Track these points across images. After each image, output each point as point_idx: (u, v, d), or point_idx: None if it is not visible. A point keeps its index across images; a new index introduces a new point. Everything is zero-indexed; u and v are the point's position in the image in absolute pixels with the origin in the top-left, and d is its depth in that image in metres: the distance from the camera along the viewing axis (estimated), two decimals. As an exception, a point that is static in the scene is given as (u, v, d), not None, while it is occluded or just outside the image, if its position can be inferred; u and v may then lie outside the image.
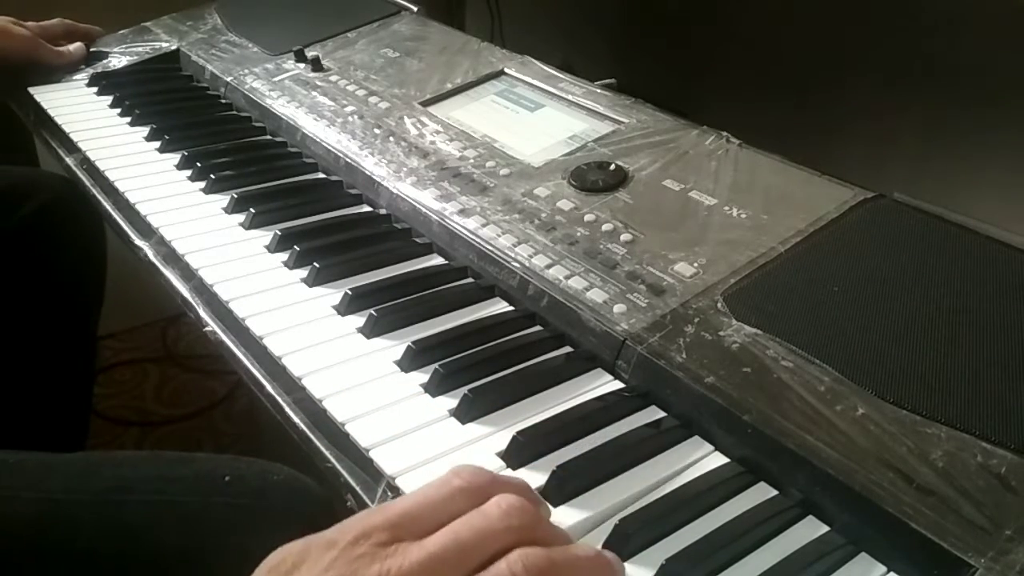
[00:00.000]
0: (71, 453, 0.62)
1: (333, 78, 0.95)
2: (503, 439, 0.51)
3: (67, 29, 1.10)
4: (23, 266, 0.94)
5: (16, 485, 0.57)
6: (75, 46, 1.08)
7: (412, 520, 0.38)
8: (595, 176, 0.71)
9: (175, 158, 0.86)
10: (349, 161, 0.81)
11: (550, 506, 0.46)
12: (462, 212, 0.70)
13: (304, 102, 0.91)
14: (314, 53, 0.99)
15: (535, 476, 0.49)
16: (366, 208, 0.78)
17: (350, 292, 0.63)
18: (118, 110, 0.97)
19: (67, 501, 0.56)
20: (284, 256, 0.70)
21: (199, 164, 0.83)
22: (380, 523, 0.38)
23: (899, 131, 1.08)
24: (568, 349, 0.60)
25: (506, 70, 0.90)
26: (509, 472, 0.49)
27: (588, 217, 0.67)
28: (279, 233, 0.71)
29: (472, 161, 0.77)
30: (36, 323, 0.96)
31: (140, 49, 1.11)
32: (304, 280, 0.67)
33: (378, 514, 0.39)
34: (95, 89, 1.02)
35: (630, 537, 0.44)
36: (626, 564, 0.44)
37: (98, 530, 0.55)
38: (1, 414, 0.92)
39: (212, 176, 0.81)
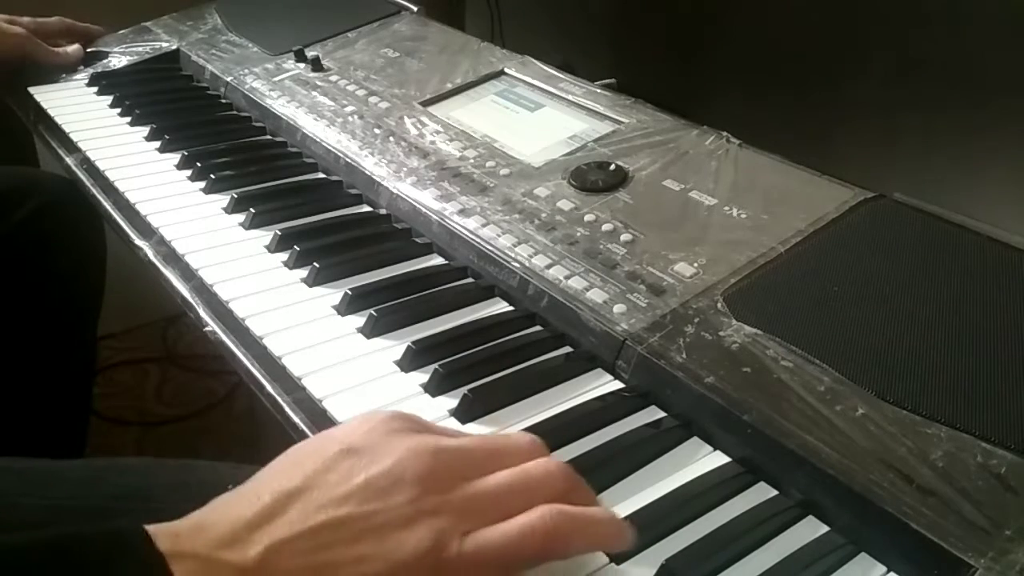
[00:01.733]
0: (75, 460, 0.62)
1: (333, 78, 0.95)
2: (503, 439, 0.51)
3: (66, 28, 1.10)
4: (23, 266, 0.94)
5: (21, 492, 0.56)
6: (73, 47, 1.07)
7: (456, 454, 0.40)
8: (595, 176, 0.71)
9: (175, 158, 0.86)
10: (349, 161, 0.81)
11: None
12: (462, 212, 0.70)
13: (304, 102, 0.91)
14: (314, 53, 0.99)
15: (535, 476, 0.49)
16: (366, 208, 0.78)
17: (350, 292, 0.63)
18: (118, 110, 0.97)
19: (71, 508, 0.56)
20: (284, 256, 0.70)
21: (199, 164, 0.83)
22: (408, 415, 0.41)
23: (899, 131, 1.08)
24: (568, 349, 0.60)
25: (506, 70, 0.90)
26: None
27: (588, 217, 0.67)
28: (279, 233, 0.71)
29: (472, 161, 0.77)
30: (36, 324, 0.96)
31: (140, 49, 1.11)
32: (304, 280, 0.67)
33: (404, 413, 0.41)
34: (95, 89, 1.02)
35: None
36: (626, 564, 0.44)
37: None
38: (1, 415, 0.92)
39: (212, 176, 0.81)
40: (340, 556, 0.35)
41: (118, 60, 1.09)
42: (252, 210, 0.75)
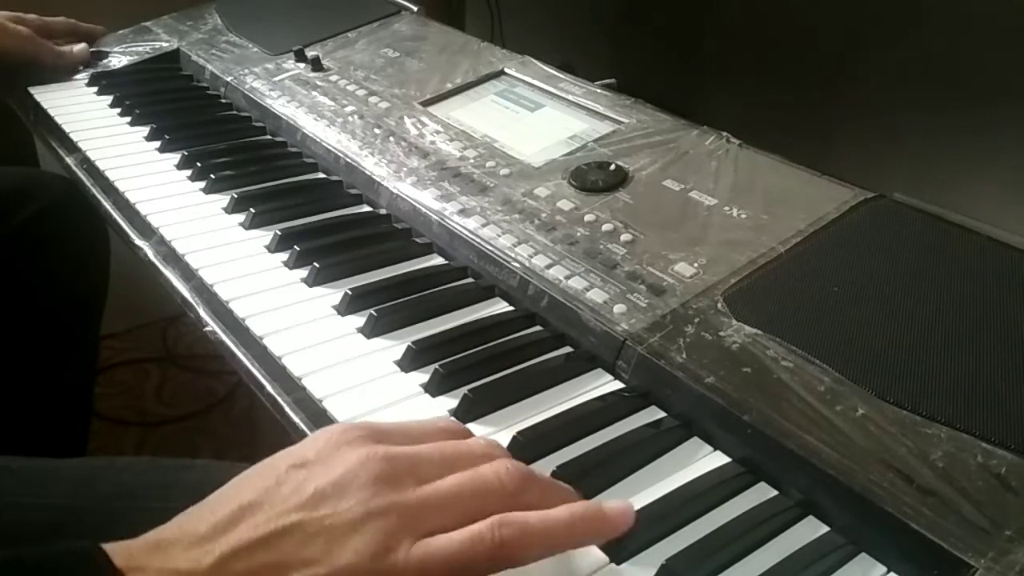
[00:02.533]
0: (74, 459, 0.62)
1: (333, 78, 0.95)
2: (503, 439, 0.51)
3: (71, 28, 1.10)
4: (25, 267, 0.94)
5: (19, 491, 0.56)
6: (79, 47, 1.07)
7: (410, 458, 0.40)
8: (595, 176, 0.71)
9: (175, 158, 0.86)
10: (349, 161, 0.81)
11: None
12: (462, 212, 0.70)
13: (304, 102, 0.91)
14: (314, 53, 0.99)
15: (535, 476, 0.49)
16: (366, 208, 0.78)
17: (350, 292, 0.63)
18: (118, 110, 0.97)
19: (70, 508, 0.56)
20: (284, 256, 0.70)
21: (199, 164, 0.83)
22: (360, 424, 0.41)
23: (899, 131, 1.08)
24: (568, 349, 0.60)
25: (506, 70, 0.90)
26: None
27: (588, 217, 0.67)
28: (279, 233, 0.71)
29: (472, 161, 0.77)
30: (38, 324, 0.96)
31: (140, 49, 1.11)
32: (304, 280, 0.67)
33: (357, 423, 0.42)
34: (95, 89, 1.02)
35: (630, 537, 0.44)
36: (626, 564, 0.44)
37: (101, 537, 0.55)
38: (2, 415, 0.92)
39: (212, 176, 0.81)
40: (289, 559, 0.36)
41: (118, 60, 1.09)
42: (252, 210, 0.75)
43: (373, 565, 0.36)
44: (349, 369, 0.57)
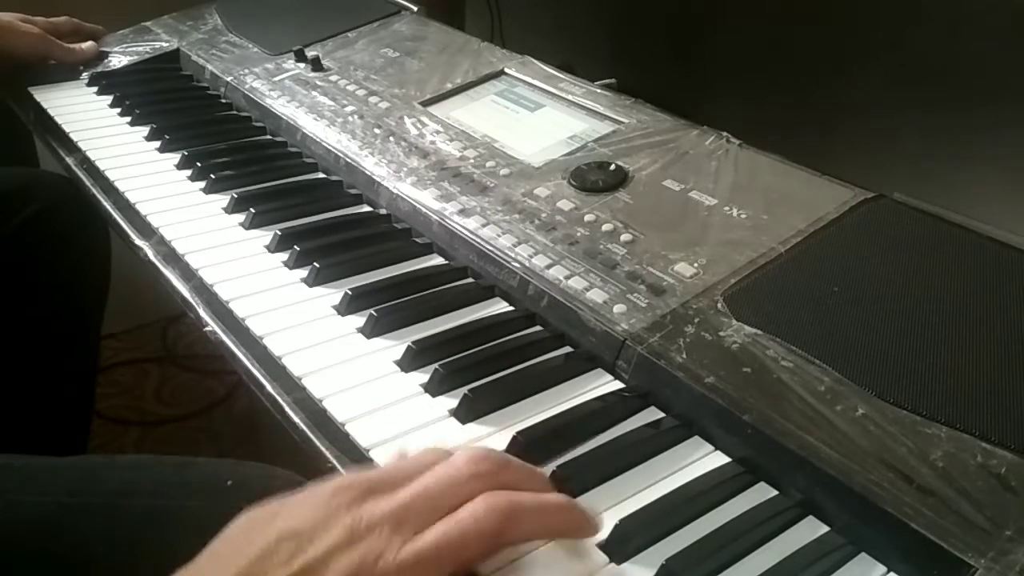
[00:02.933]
0: (74, 457, 0.62)
1: (333, 78, 0.95)
2: (503, 439, 0.51)
3: (75, 28, 1.11)
4: (25, 268, 0.94)
5: (21, 489, 0.57)
6: (87, 44, 1.08)
7: (385, 482, 0.41)
8: (595, 176, 0.71)
9: (175, 158, 0.86)
10: (349, 161, 0.81)
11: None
12: (462, 212, 0.70)
13: (304, 102, 0.91)
14: (314, 53, 0.99)
15: (535, 476, 0.49)
16: (366, 208, 0.78)
17: (350, 292, 0.63)
18: (118, 110, 0.97)
19: (71, 505, 0.56)
20: (284, 256, 0.70)
21: (199, 164, 0.83)
22: (355, 481, 0.40)
23: (899, 131, 1.08)
24: (568, 349, 0.60)
25: (506, 70, 0.90)
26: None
27: (588, 217, 0.67)
28: (279, 233, 0.71)
29: (472, 161, 0.77)
30: (38, 325, 0.96)
31: (140, 49, 1.11)
32: (304, 280, 0.67)
33: (352, 476, 0.41)
34: (95, 89, 1.02)
35: (631, 537, 0.44)
36: (626, 564, 0.44)
37: (101, 535, 0.55)
38: (3, 414, 0.92)
39: (212, 176, 0.81)
40: None
41: (118, 60, 1.09)
42: (252, 210, 0.75)
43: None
44: (349, 369, 0.57)
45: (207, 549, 0.40)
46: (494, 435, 0.52)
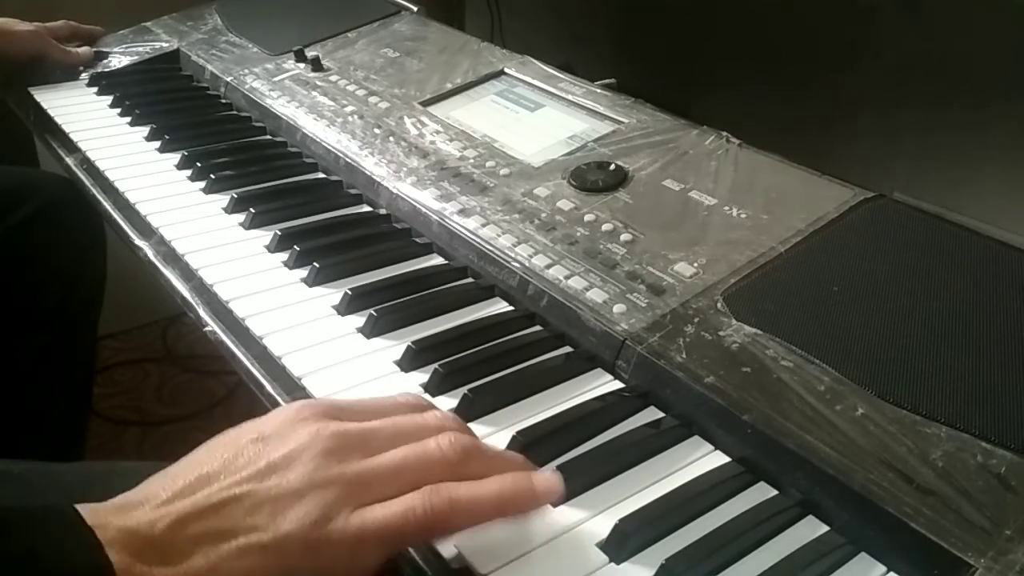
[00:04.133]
0: (75, 463, 0.62)
1: (333, 78, 0.95)
2: (503, 439, 0.51)
3: (72, 30, 1.11)
4: (23, 267, 0.94)
5: (19, 495, 0.56)
6: (84, 49, 1.09)
7: (355, 409, 0.44)
8: (595, 176, 0.71)
9: (175, 158, 0.86)
10: (349, 161, 0.81)
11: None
12: (462, 212, 0.70)
13: (304, 102, 0.91)
14: (314, 53, 0.99)
15: (535, 476, 0.49)
16: (366, 208, 0.78)
17: (350, 292, 0.63)
18: (118, 110, 0.97)
19: None
20: (284, 256, 0.70)
21: (199, 164, 0.83)
22: (326, 401, 0.45)
23: (899, 130, 1.08)
24: (568, 349, 0.60)
25: (506, 70, 0.90)
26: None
27: (588, 217, 0.67)
28: (279, 233, 0.71)
29: (472, 161, 0.77)
30: (35, 324, 0.96)
31: (140, 49, 1.11)
32: (304, 280, 0.67)
33: (323, 398, 0.46)
34: (95, 89, 1.02)
35: (630, 537, 0.44)
36: (626, 563, 0.44)
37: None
38: (0, 414, 0.92)
39: (212, 176, 0.81)
40: (236, 525, 0.39)
41: (118, 60, 1.09)
42: (252, 210, 0.75)
43: (312, 532, 0.39)
44: (349, 369, 0.57)
45: (184, 457, 0.43)
46: (494, 435, 0.52)
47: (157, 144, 0.89)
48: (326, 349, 0.59)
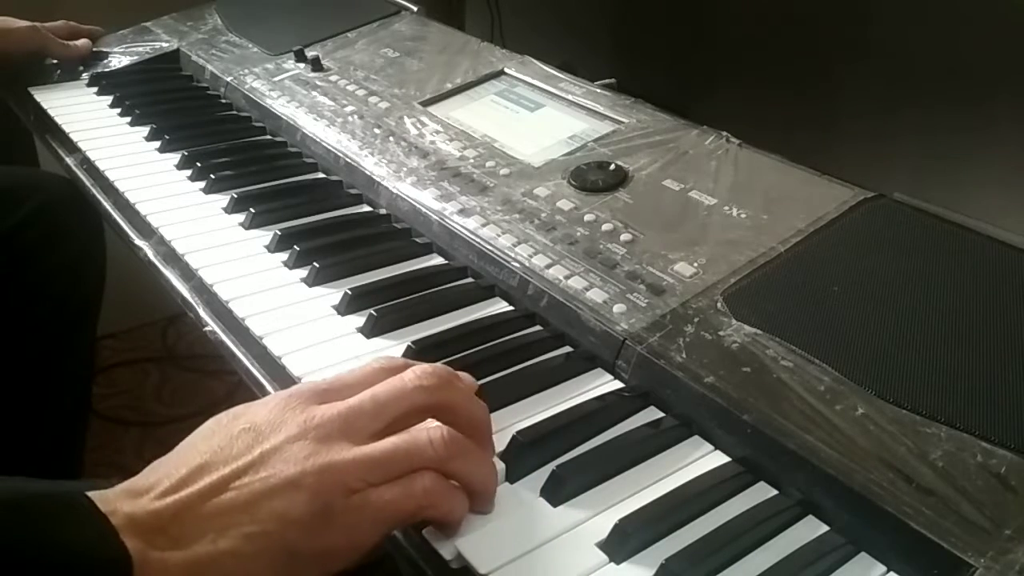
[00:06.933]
0: (79, 481, 0.62)
1: (333, 78, 0.95)
2: (503, 439, 0.51)
3: (71, 30, 1.11)
4: (22, 266, 0.94)
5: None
6: (82, 41, 1.09)
7: (338, 390, 0.46)
8: (595, 176, 0.71)
9: (175, 158, 0.86)
10: (349, 161, 0.81)
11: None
12: (462, 212, 0.70)
13: (304, 102, 0.91)
14: (314, 53, 0.99)
15: (535, 476, 0.49)
16: (366, 208, 0.78)
17: (350, 292, 0.63)
18: (118, 110, 0.97)
19: None
20: (284, 256, 0.70)
21: (199, 164, 0.83)
22: (310, 387, 0.46)
23: (899, 131, 1.08)
24: (568, 349, 0.60)
25: (506, 70, 0.90)
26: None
27: (588, 217, 0.67)
28: (279, 233, 0.71)
29: (472, 161, 0.77)
30: (35, 323, 0.96)
31: (140, 49, 1.11)
32: (304, 280, 0.67)
33: (307, 383, 0.47)
34: (95, 89, 1.02)
35: (630, 537, 0.44)
36: (626, 564, 0.44)
37: None
38: (0, 414, 0.92)
39: (212, 176, 0.81)
40: (241, 513, 0.41)
41: (118, 60, 1.09)
42: (252, 210, 0.75)
43: (312, 519, 0.41)
44: (349, 369, 0.57)
45: (176, 447, 0.44)
46: (494, 434, 0.52)
47: (157, 144, 0.89)
48: (326, 349, 0.59)
